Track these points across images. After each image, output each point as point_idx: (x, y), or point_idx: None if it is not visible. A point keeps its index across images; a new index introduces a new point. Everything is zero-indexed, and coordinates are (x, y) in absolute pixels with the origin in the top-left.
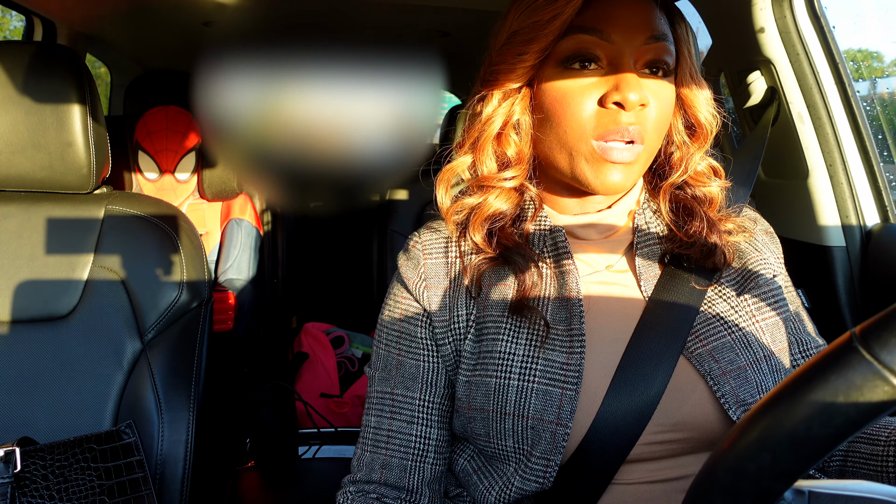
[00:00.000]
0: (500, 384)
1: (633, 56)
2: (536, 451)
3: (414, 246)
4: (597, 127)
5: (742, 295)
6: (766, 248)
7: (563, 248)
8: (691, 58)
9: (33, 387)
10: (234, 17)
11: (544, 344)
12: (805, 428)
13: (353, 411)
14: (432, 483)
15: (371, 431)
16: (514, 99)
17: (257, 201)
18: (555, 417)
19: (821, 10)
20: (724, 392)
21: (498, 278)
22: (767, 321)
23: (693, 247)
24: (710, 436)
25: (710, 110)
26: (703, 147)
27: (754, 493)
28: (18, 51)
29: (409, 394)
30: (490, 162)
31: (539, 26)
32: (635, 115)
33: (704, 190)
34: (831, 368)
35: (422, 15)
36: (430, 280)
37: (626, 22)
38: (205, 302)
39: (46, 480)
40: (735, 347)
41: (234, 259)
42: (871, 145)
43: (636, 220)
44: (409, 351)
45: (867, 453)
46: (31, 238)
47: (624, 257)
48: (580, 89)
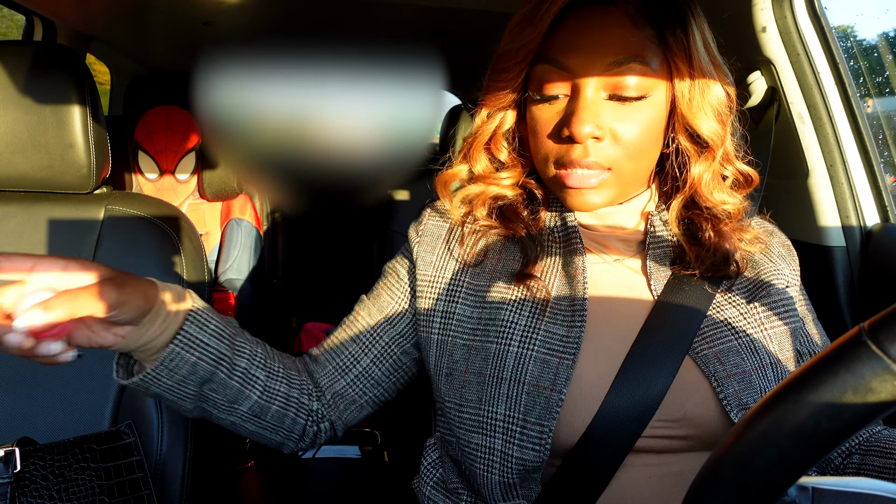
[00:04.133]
0: (499, 349)
1: (593, 86)
2: (531, 416)
3: (424, 212)
4: (555, 158)
5: (752, 303)
6: (783, 259)
7: (573, 228)
8: (691, 65)
9: (33, 387)
10: (233, 16)
11: (545, 316)
12: (813, 422)
13: None
14: (337, 397)
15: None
16: (503, 113)
17: (257, 201)
18: (550, 383)
19: (821, 10)
20: (727, 394)
21: (506, 253)
22: (776, 329)
23: (703, 262)
24: (711, 435)
25: (712, 124)
26: (713, 160)
27: (759, 487)
28: (18, 51)
29: (368, 319)
30: (485, 165)
31: (510, 55)
32: (592, 146)
33: (718, 208)
34: (840, 362)
35: (422, 15)
36: (425, 237)
37: (586, 48)
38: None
39: (46, 480)
40: (741, 352)
41: (234, 259)
42: (871, 145)
43: (649, 223)
44: (388, 288)
45: (880, 466)
46: (31, 238)
47: (635, 255)
48: (545, 120)
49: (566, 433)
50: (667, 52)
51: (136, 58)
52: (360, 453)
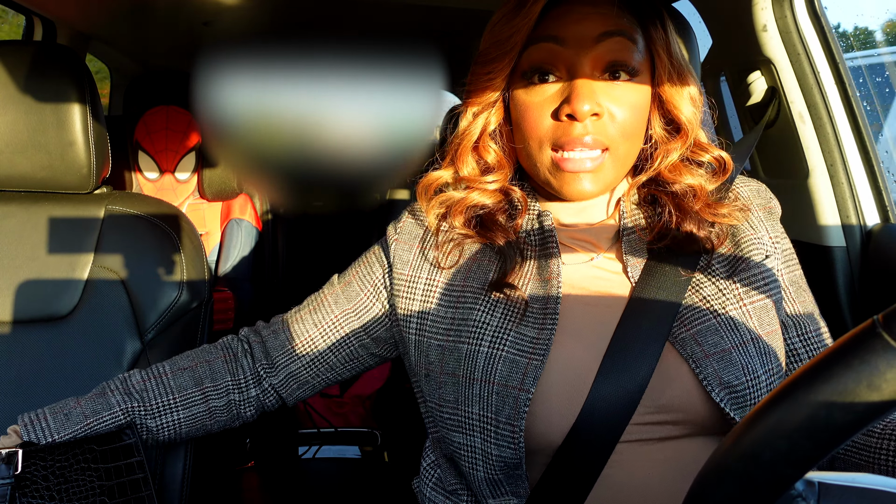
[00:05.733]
0: (470, 350)
1: (590, 61)
2: (502, 416)
3: (404, 212)
4: (553, 139)
5: (731, 277)
6: (762, 224)
7: (549, 232)
8: (670, 57)
9: (33, 387)
10: (233, 16)
11: (518, 319)
12: (825, 414)
13: (353, 411)
14: (291, 377)
15: (293, 309)
16: (488, 112)
17: (257, 201)
18: (518, 383)
19: (821, 10)
20: (706, 374)
21: (481, 256)
22: (756, 304)
23: (667, 237)
24: (698, 418)
25: (691, 109)
26: (686, 144)
27: (767, 480)
28: (18, 51)
29: (333, 306)
30: (471, 168)
31: (500, 44)
32: (591, 124)
33: (683, 184)
34: (854, 354)
35: (422, 15)
36: (402, 236)
37: (579, 22)
38: (205, 302)
39: (47, 481)
40: (720, 330)
41: (234, 259)
42: (871, 145)
43: (621, 210)
44: (360, 279)
45: (861, 443)
46: (31, 238)
47: (611, 246)
48: (538, 103)
49: (554, 428)
50: (648, 42)
51: (136, 58)
52: (360, 453)
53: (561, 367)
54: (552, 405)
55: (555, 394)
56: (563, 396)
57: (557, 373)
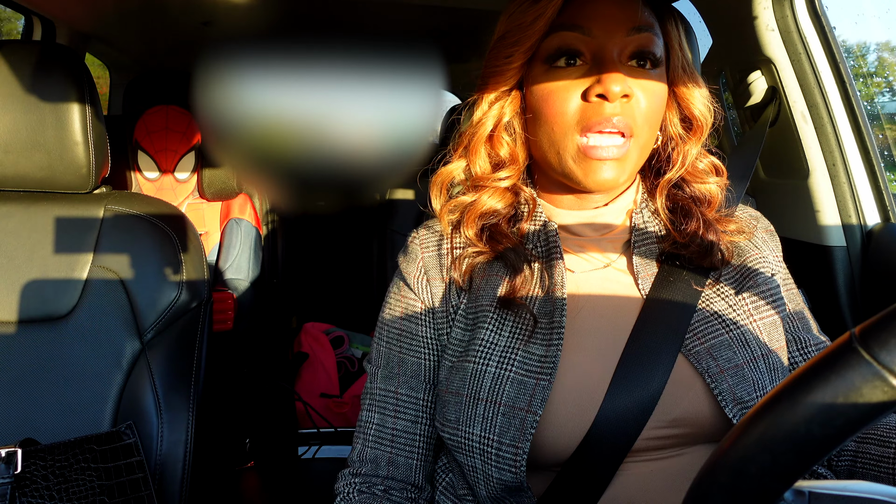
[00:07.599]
0: (477, 370)
1: (617, 49)
2: (505, 438)
3: (412, 242)
4: (580, 121)
5: (741, 293)
6: (766, 245)
7: (555, 245)
8: (683, 52)
9: (33, 387)
10: (233, 16)
11: (526, 337)
12: (805, 429)
13: (353, 411)
14: (432, 477)
15: (374, 428)
16: (504, 101)
17: (257, 201)
18: (525, 405)
19: (822, 10)
20: (721, 390)
21: (490, 271)
22: (765, 320)
23: (689, 247)
24: (708, 431)
25: (704, 104)
26: (700, 141)
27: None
28: (18, 51)
29: (412, 394)
30: (483, 163)
31: (523, 28)
32: (620, 106)
33: (703, 188)
34: (831, 369)
35: (422, 15)
36: (430, 272)
37: (607, 16)
38: (204, 302)
39: (47, 481)
40: (733, 346)
41: (234, 259)
42: (871, 145)
43: (634, 219)
44: (410, 349)
45: (877, 455)
46: (30, 238)
47: (622, 255)
48: (565, 86)
49: (562, 444)
50: (665, 37)
51: (136, 58)
52: None
53: (570, 383)
54: (561, 421)
55: (564, 411)
56: (573, 412)
57: (567, 389)
